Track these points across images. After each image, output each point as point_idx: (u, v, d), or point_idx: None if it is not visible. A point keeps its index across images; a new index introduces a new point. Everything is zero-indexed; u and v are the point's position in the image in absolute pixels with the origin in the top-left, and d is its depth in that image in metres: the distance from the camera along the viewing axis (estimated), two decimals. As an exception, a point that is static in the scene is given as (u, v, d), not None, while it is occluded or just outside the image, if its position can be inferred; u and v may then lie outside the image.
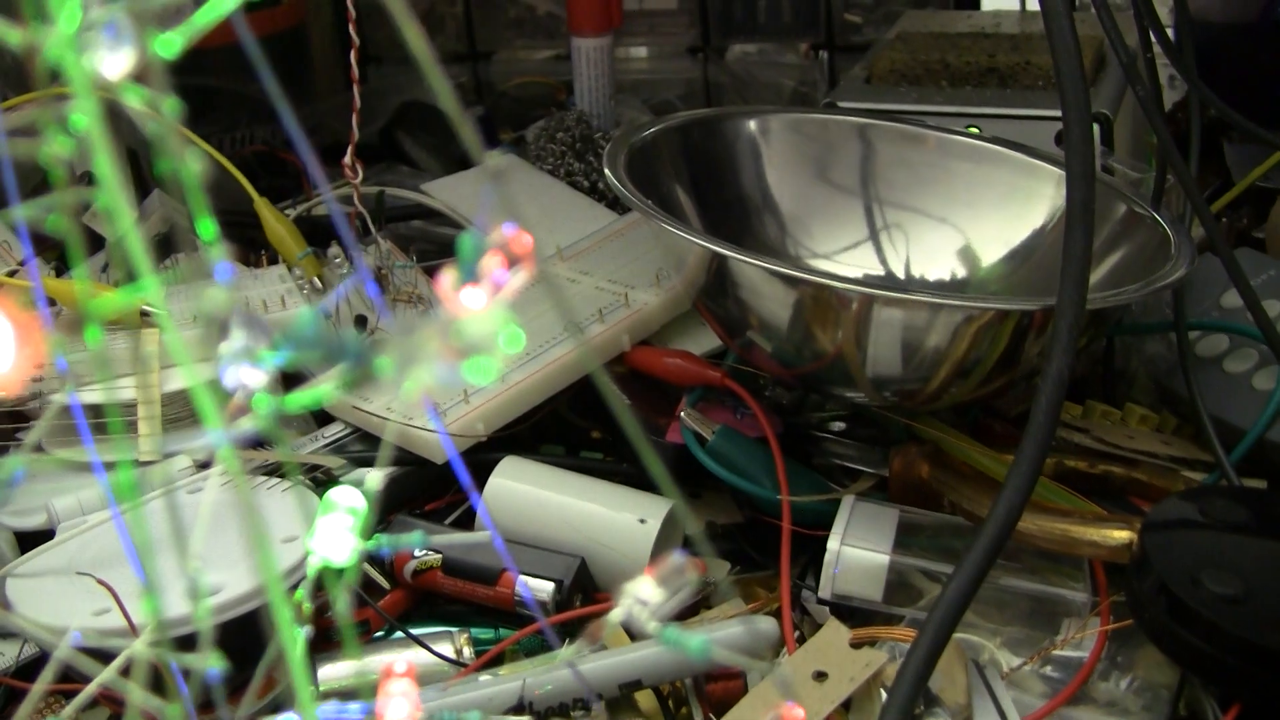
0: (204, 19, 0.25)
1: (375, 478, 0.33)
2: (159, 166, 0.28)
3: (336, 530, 0.38)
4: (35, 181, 1.15)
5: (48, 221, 0.25)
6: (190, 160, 0.23)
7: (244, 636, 0.65)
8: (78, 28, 0.22)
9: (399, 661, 0.36)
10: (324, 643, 0.75)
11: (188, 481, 0.85)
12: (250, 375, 0.31)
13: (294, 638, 0.28)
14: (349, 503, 0.38)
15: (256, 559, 0.29)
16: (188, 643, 0.37)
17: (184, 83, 0.25)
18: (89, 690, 0.37)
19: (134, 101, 0.24)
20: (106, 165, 0.23)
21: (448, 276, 0.25)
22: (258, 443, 0.89)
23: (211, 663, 0.29)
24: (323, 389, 0.24)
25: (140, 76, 0.25)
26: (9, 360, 0.22)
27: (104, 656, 0.69)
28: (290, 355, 0.23)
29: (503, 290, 0.25)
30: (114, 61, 0.24)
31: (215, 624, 0.50)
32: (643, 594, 0.30)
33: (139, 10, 0.25)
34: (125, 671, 0.44)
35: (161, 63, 0.23)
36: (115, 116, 0.26)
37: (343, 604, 0.29)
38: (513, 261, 0.26)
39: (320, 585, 0.69)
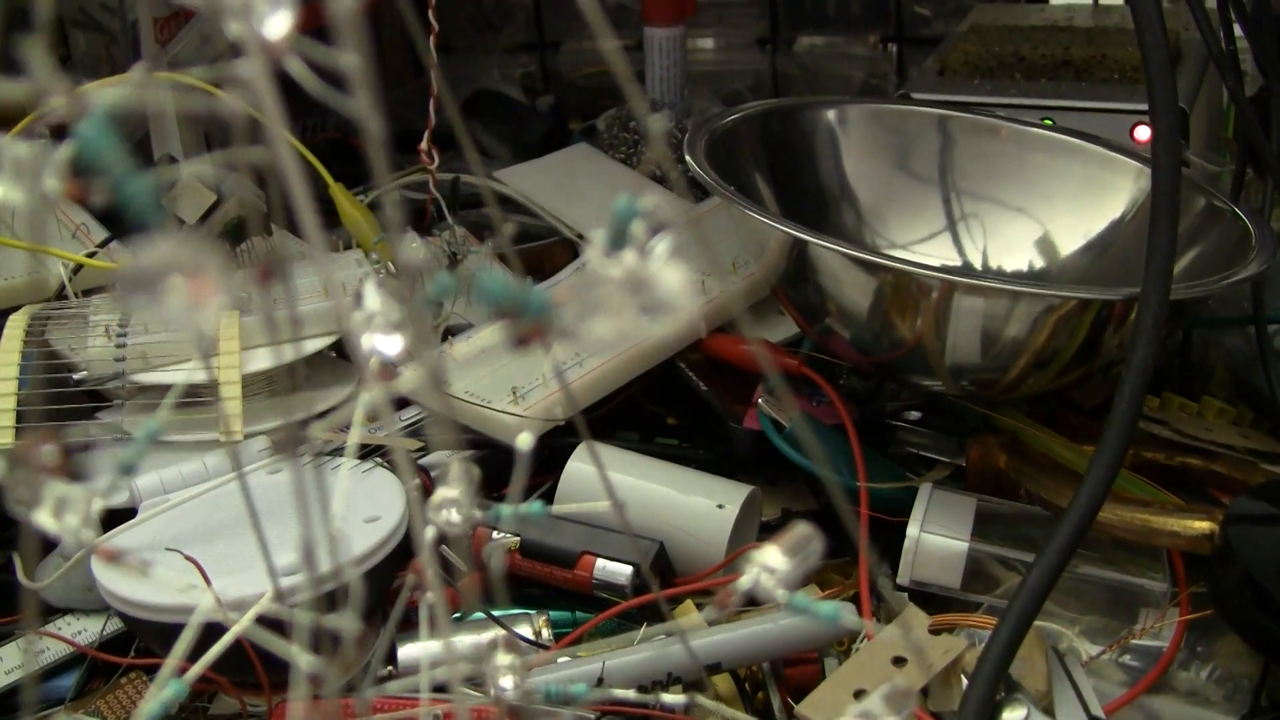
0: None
1: (526, 438, 0.33)
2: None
3: (452, 500, 0.38)
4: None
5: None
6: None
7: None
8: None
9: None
10: (405, 623, 0.76)
11: (268, 462, 0.86)
12: (387, 342, 0.31)
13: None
14: (465, 474, 0.39)
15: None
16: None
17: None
18: (226, 639, 0.38)
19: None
20: (277, 124, 0.24)
21: (598, 238, 0.25)
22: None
23: (348, 622, 0.30)
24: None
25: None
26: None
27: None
28: (481, 306, 0.24)
29: (655, 254, 0.25)
30: (276, 22, 0.25)
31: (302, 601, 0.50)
32: (769, 562, 0.31)
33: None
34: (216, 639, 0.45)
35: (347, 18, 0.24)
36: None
37: (498, 561, 0.30)
38: (658, 228, 0.26)
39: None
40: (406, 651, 0.75)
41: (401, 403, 0.95)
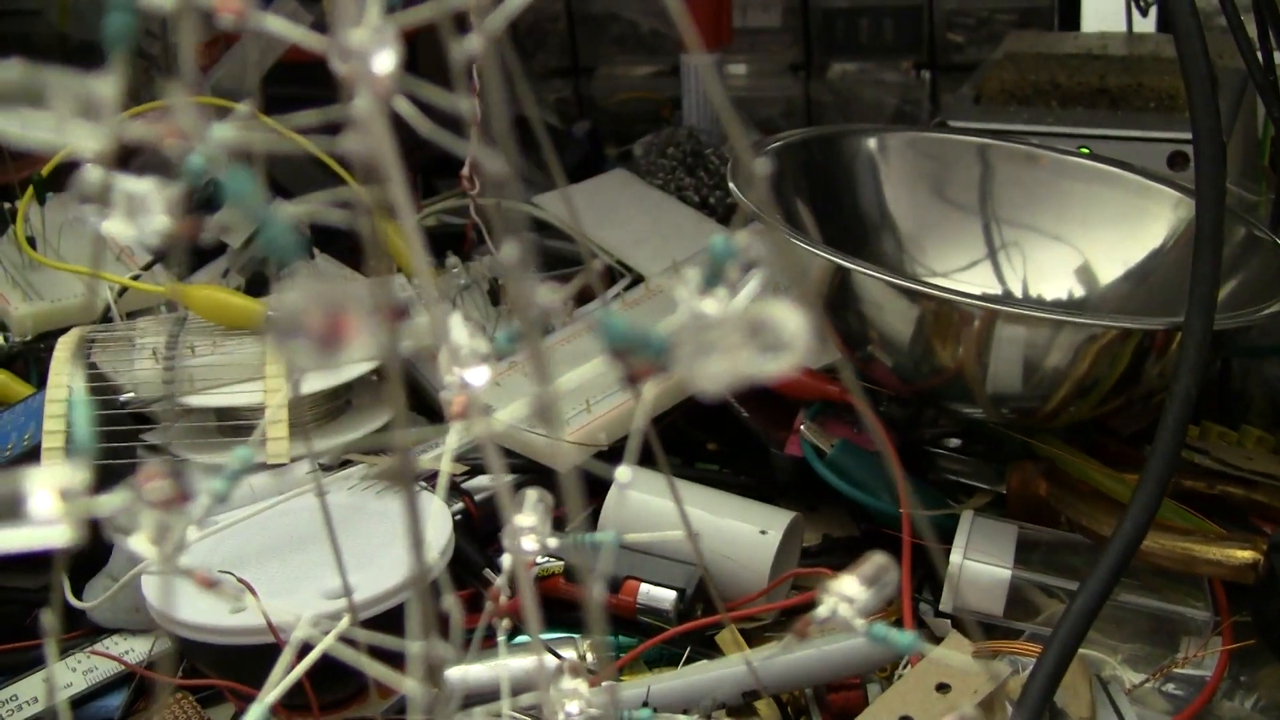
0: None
1: (624, 471, 0.34)
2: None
3: (528, 528, 0.39)
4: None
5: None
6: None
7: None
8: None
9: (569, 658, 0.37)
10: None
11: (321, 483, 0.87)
12: (475, 375, 0.32)
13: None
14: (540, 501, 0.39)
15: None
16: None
17: (288, 94, 0.26)
18: (310, 658, 0.38)
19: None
20: (390, 159, 0.25)
21: (692, 276, 0.26)
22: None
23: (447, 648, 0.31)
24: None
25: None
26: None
27: (243, 649, 0.70)
28: (605, 346, 0.24)
29: (745, 292, 0.26)
30: (383, 61, 0.26)
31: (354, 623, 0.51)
32: (847, 592, 0.31)
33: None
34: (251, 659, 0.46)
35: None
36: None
37: (598, 592, 0.30)
38: (749, 266, 0.27)
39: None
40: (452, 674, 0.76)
41: (441, 423, 0.96)
